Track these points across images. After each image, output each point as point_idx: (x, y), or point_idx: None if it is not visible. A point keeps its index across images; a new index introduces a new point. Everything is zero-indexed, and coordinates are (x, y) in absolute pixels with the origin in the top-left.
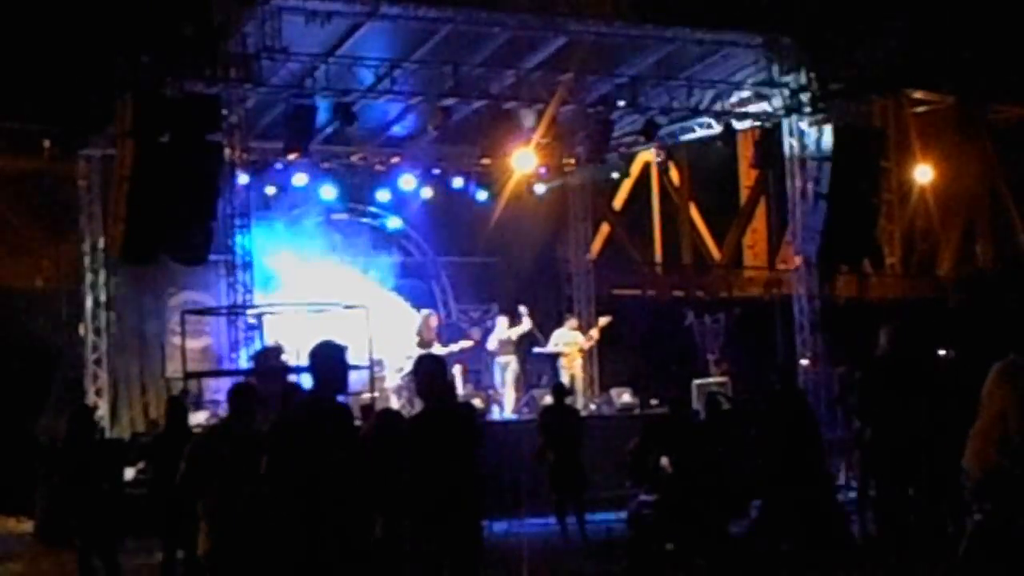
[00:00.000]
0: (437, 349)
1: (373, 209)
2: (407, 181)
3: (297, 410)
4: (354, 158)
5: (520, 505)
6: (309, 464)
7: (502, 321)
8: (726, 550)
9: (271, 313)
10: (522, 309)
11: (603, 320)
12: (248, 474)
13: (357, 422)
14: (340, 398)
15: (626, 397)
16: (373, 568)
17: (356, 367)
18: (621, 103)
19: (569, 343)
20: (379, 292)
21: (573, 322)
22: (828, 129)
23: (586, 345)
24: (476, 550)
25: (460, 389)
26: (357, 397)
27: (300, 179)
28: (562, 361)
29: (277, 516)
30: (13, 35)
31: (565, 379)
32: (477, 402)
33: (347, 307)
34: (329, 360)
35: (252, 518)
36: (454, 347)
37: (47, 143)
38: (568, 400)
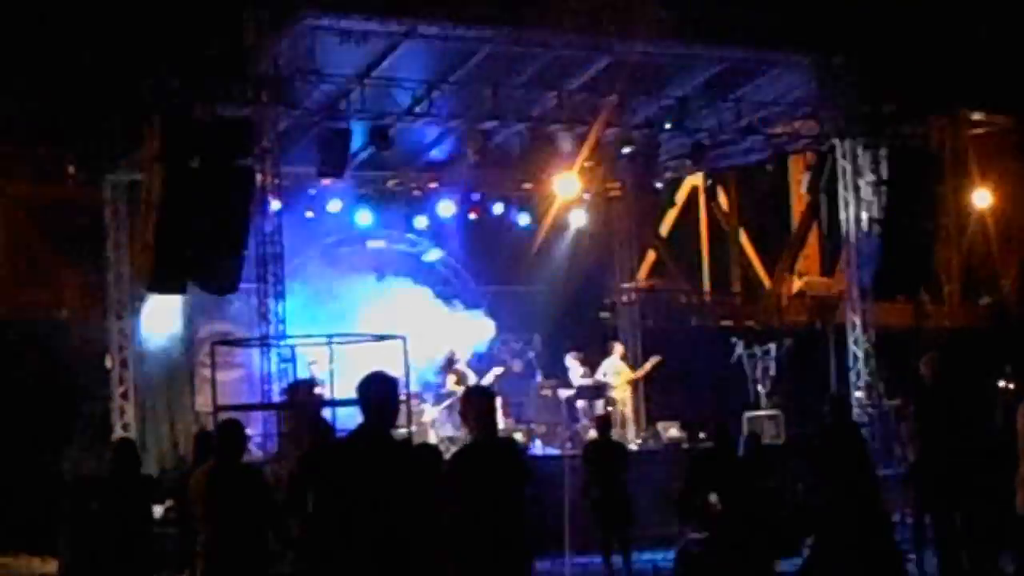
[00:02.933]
0: (472, 380)
1: (410, 236)
2: (446, 207)
3: (350, 445)
4: (390, 183)
5: (563, 544)
6: (367, 500)
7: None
8: None
9: (304, 344)
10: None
11: (654, 359)
12: (247, 511)
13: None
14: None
15: (673, 431)
16: None
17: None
18: (667, 125)
19: (617, 373)
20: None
21: (620, 349)
22: (883, 152)
23: (634, 377)
24: None
25: (501, 423)
26: (395, 430)
27: (335, 205)
28: (610, 393)
29: (327, 552)
30: (39, 58)
31: (616, 411)
32: (519, 436)
33: (382, 338)
34: (380, 392)
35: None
36: (488, 376)
37: (72, 169)
38: (613, 434)
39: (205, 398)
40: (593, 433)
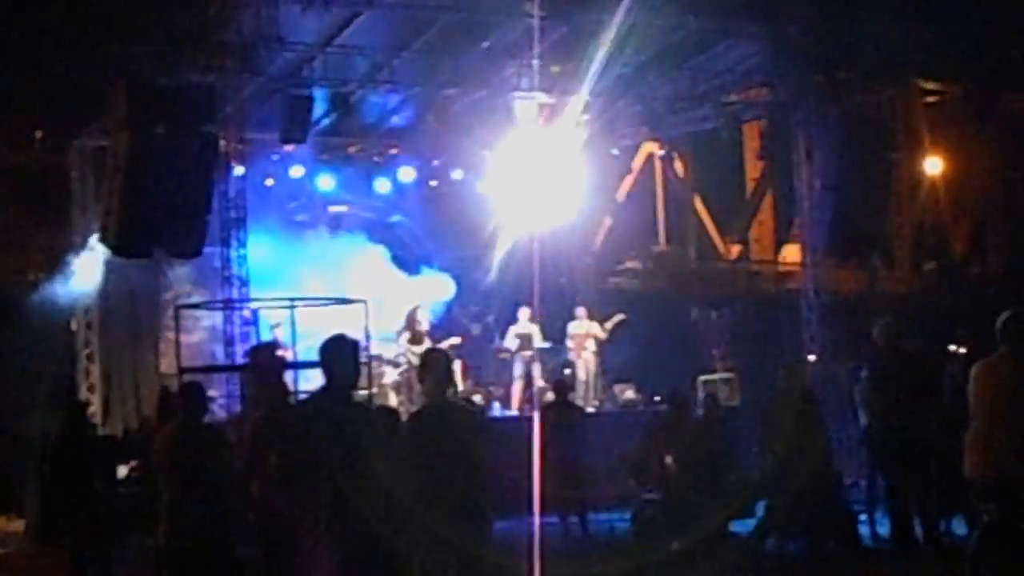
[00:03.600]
0: (428, 344)
1: (372, 201)
2: (406, 172)
3: (312, 405)
4: (352, 149)
5: (521, 505)
6: (328, 459)
7: (524, 313)
8: (731, 550)
9: (267, 307)
10: (522, 313)
11: (618, 317)
12: (209, 470)
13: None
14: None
15: (629, 394)
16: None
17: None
18: (623, 93)
19: (578, 334)
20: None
21: (583, 311)
22: (836, 120)
23: (601, 335)
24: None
25: (460, 385)
26: (356, 392)
27: (297, 171)
28: (572, 351)
29: (290, 511)
30: (3, 26)
31: (580, 370)
32: (477, 398)
33: (345, 301)
34: (341, 355)
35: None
36: (444, 344)
37: (39, 134)
38: (571, 396)
39: (169, 360)
40: (551, 395)
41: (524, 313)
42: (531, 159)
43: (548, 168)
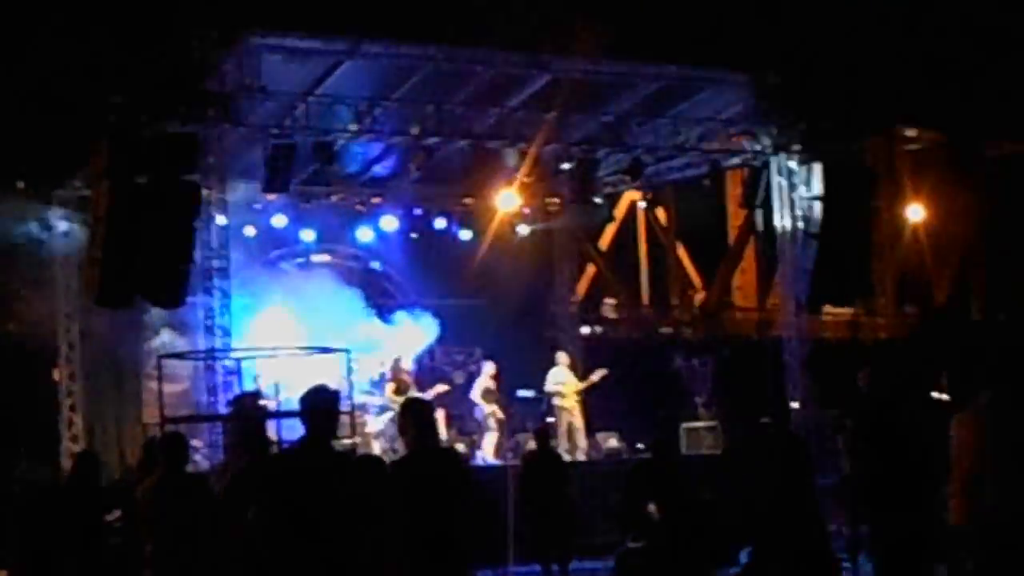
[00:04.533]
0: (414, 394)
1: (354, 251)
2: (388, 222)
3: (292, 456)
4: (334, 198)
5: (505, 553)
6: (308, 510)
7: (488, 368)
8: None
9: (249, 357)
10: (487, 367)
11: (601, 372)
12: (192, 521)
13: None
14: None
15: (612, 442)
16: None
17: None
18: (606, 142)
19: (566, 383)
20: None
21: (565, 358)
22: (817, 168)
23: (580, 388)
24: None
25: (443, 434)
26: (338, 442)
27: (279, 220)
28: (558, 402)
29: (271, 562)
30: None
31: (562, 421)
32: (460, 447)
33: (326, 351)
34: (322, 405)
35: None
36: (431, 392)
37: (20, 184)
38: (553, 444)
39: (152, 410)
40: (532, 444)
41: (489, 368)
42: (514, 207)
43: (530, 216)
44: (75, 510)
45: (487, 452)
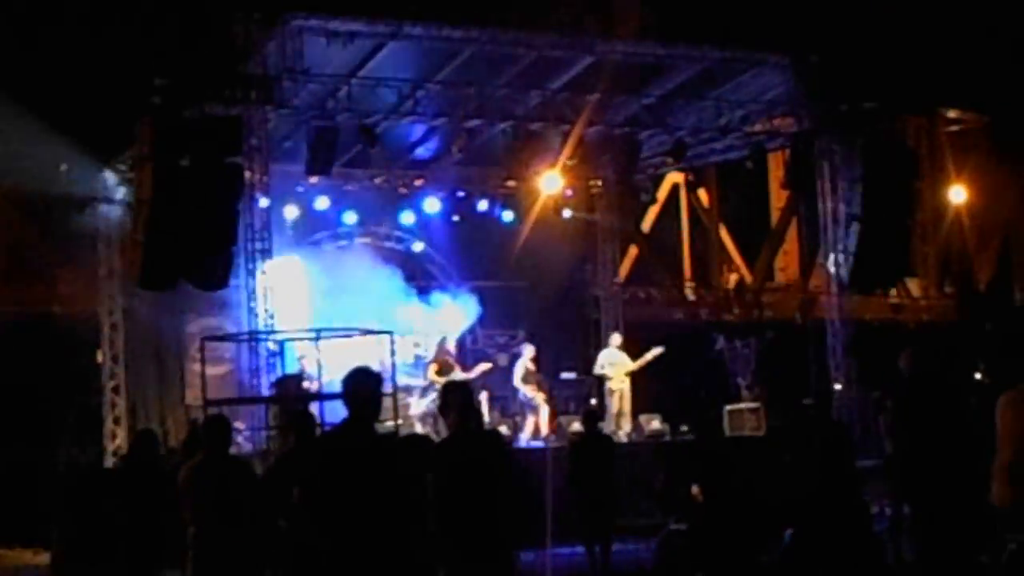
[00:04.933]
0: (457, 374)
1: (397, 232)
2: (431, 204)
3: (334, 439)
4: (377, 180)
5: (547, 534)
6: (351, 493)
7: (528, 351)
8: None
9: (292, 339)
10: (527, 350)
11: (656, 350)
12: (235, 504)
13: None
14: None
15: (655, 424)
16: None
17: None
18: (648, 124)
19: (613, 364)
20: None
21: (618, 339)
22: (860, 149)
23: (634, 367)
24: None
25: (486, 416)
26: (381, 424)
27: (322, 202)
28: (608, 384)
29: (314, 545)
30: (33, 60)
31: (613, 402)
32: (503, 429)
33: (369, 332)
34: (364, 387)
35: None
36: (475, 371)
37: (64, 167)
38: (600, 426)
39: (195, 392)
40: (578, 426)
41: (528, 351)
42: (556, 189)
43: (574, 199)
44: (136, 489)
45: (528, 434)
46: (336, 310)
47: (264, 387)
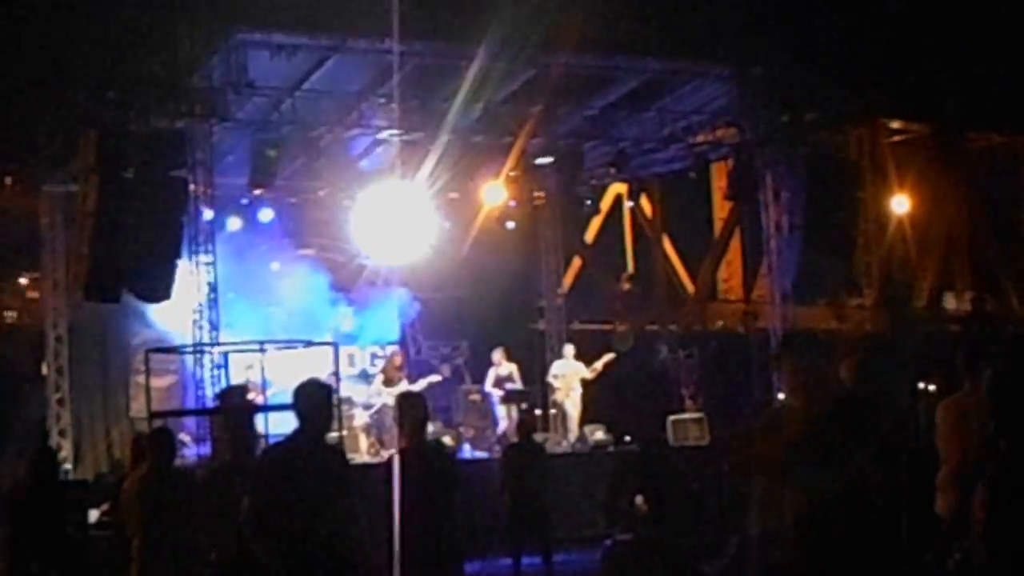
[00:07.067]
0: (404, 385)
1: (340, 244)
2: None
3: (285, 450)
4: (321, 193)
5: (491, 545)
6: (301, 503)
7: (500, 353)
8: None
9: (236, 351)
10: (497, 354)
11: (608, 356)
12: (179, 515)
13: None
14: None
15: (599, 434)
16: None
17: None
18: (591, 135)
19: (567, 374)
20: None
21: (571, 349)
22: (802, 160)
23: (589, 376)
24: None
25: (430, 427)
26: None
27: (266, 214)
28: (556, 394)
29: (265, 555)
30: None
31: (569, 410)
32: (447, 440)
33: (313, 344)
34: (314, 399)
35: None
36: (422, 383)
37: (8, 180)
38: (535, 436)
39: (140, 404)
40: (513, 437)
41: (500, 354)
42: (499, 201)
43: (516, 210)
44: (39, 508)
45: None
46: (278, 322)
47: (209, 399)
